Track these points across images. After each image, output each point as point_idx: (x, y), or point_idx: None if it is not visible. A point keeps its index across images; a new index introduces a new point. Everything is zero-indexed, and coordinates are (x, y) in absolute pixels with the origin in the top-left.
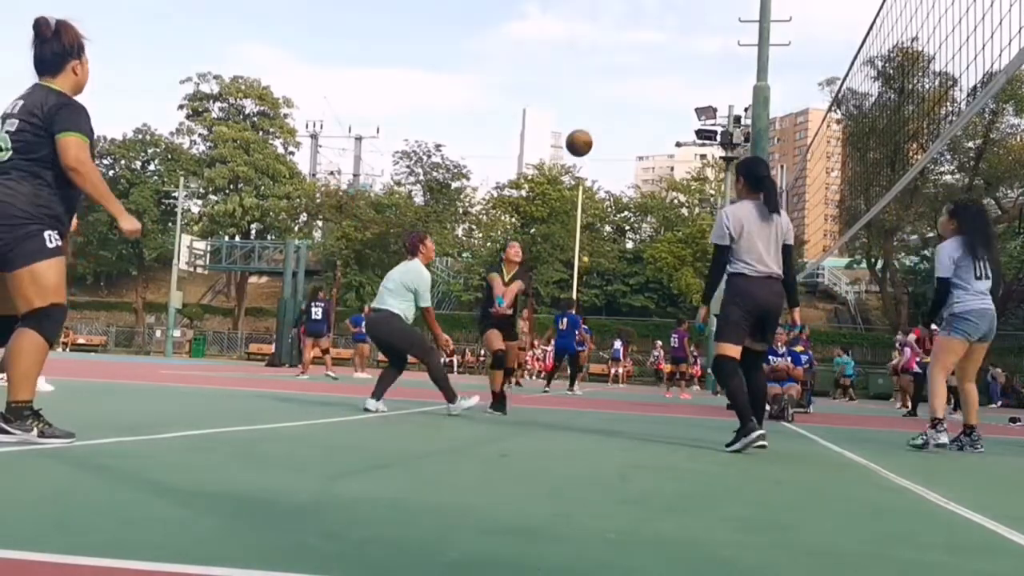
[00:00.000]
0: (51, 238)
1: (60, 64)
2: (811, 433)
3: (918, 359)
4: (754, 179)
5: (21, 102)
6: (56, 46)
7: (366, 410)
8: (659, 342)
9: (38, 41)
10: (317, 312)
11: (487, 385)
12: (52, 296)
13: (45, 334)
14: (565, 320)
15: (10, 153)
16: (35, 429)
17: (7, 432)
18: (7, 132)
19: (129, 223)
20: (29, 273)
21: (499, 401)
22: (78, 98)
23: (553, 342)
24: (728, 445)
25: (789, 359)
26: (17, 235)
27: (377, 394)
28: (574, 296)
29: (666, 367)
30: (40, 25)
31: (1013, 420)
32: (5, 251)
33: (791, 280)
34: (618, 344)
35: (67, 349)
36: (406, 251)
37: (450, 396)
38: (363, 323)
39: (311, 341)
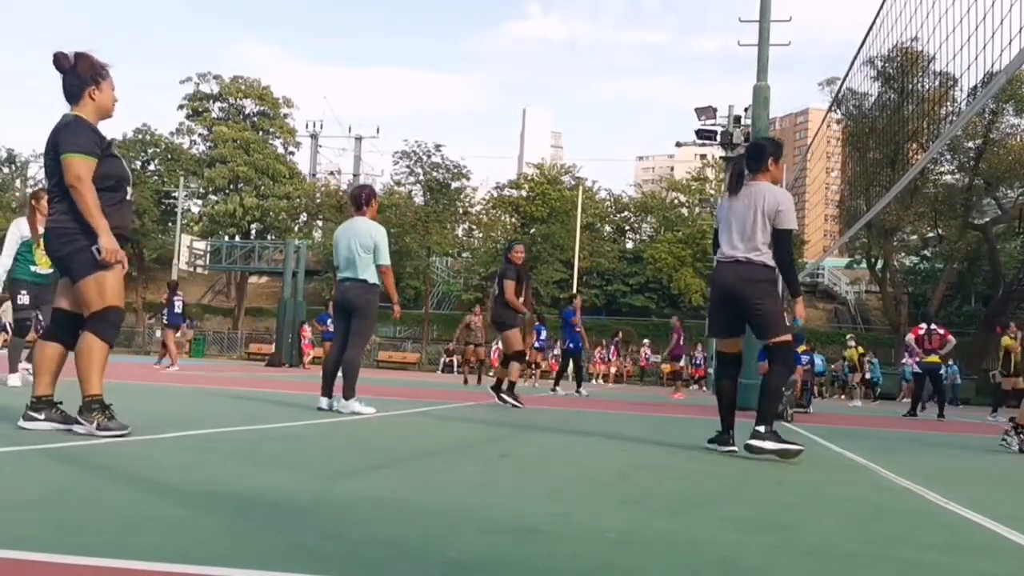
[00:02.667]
0: (98, 251)
1: (78, 93)
2: (811, 433)
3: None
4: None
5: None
6: (73, 77)
7: (319, 409)
8: (647, 341)
9: (60, 73)
10: (178, 305)
11: (475, 388)
12: (108, 300)
13: (103, 336)
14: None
15: (55, 179)
16: (95, 422)
17: (80, 423)
18: (51, 164)
19: (109, 243)
20: (94, 283)
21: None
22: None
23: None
24: (709, 441)
25: None
26: (70, 251)
27: (328, 391)
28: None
29: (666, 367)
30: (58, 59)
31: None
32: (66, 265)
33: (784, 266)
34: (613, 343)
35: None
36: (352, 204)
37: (350, 391)
38: (328, 321)
39: (172, 332)
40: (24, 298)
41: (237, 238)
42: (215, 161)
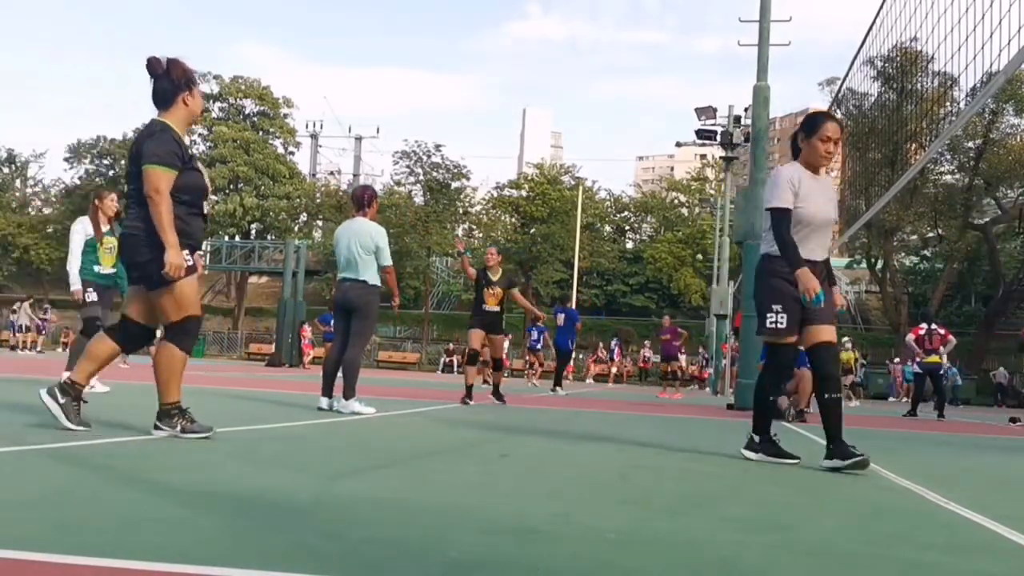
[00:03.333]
0: (188, 259)
1: (171, 98)
2: (811, 433)
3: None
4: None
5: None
6: (166, 82)
7: (320, 409)
8: (647, 341)
9: (151, 78)
10: None
11: (480, 388)
12: (186, 310)
13: (182, 346)
14: (562, 315)
15: (134, 186)
16: (179, 426)
17: (160, 429)
18: (133, 171)
19: (175, 258)
20: (171, 294)
21: (469, 395)
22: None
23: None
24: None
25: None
26: (148, 259)
27: (328, 391)
28: (574, 296)
29: (664, 366)
30: (152, 64)
31: (1013, 420)
32: (142, 272)
33: (779, 248)
34: (614, 344)
35: (67, 349)
36: (353, 205)
37: (350, 391)
38: (331, 321)
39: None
40: (92, 295)
41: (237, 238)
42: (215, 161)
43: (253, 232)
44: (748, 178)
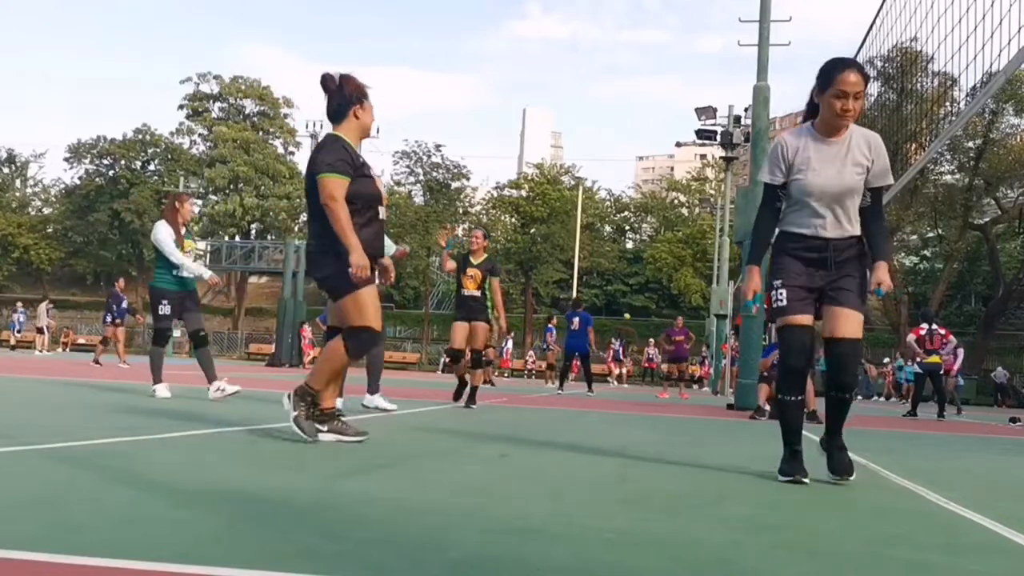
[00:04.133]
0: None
1: (344, 112)
2: (811, 433)
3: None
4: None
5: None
6: (339, 97)
7: (364, 407)
8: (652, 340)
9: (324, 94)
10: (124, 302)
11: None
12: (365, 319)
13: (349, 350)
14: (577, 319)
15: (313, 198)
16: (297, 411)
17: (289, 401)
18: (308, 186)
19: (359, 259)
20: (353, 300)
21: (461, 390)
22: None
23: (553, 341)
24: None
25: None
26: (330, 272)
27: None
28: (574, 295)
29: (665, 367)
30: (325, 80)
31: (1013, 420)
32: (327, 285)
33: None
34: (618, 344)
35: (67, 349)
36: None
37: (375, 387)
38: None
39: (119, 328)
40: (166, 308)
41: (237, 238)
42: (215, 161)
43: (253, 232)
44: (748, 178)
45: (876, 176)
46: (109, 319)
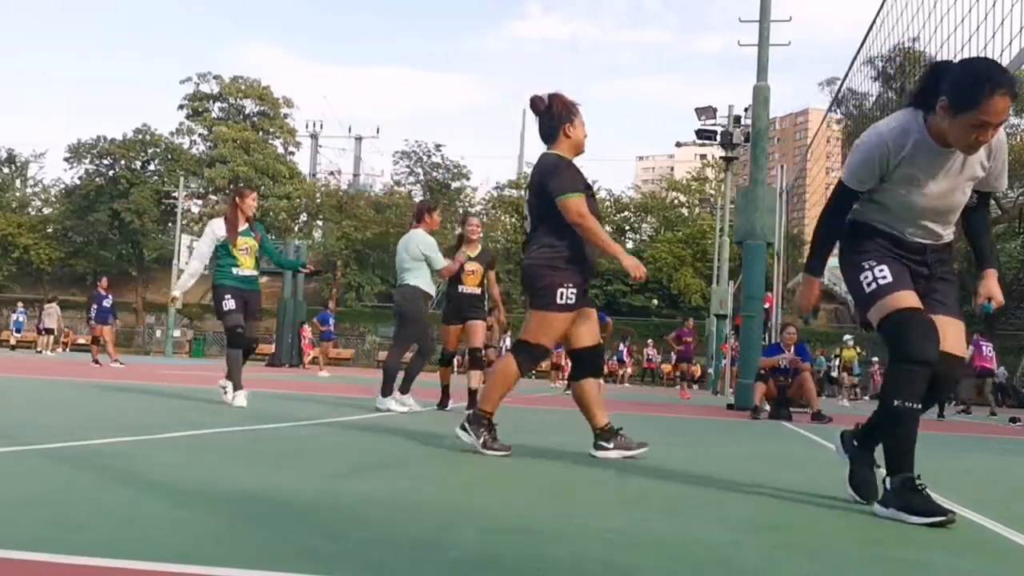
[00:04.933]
0: (563, 295)
1: (555, 133)
2: (811, 433)
3: None
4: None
5: (531, 175)
6: (548, 118)
7: (378, 410)
8: (651, 341)
9: (536, 115)
10: (107, 301)
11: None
12: (543, 338)
13: (521, 364)
14: None
15: (537, 214)
16: (481, 439)
17: (466, 432)
18: (528, 202)
19: (630, 260)
20: (541, 316)
21: (445, 399)
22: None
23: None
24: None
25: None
26: (542, 284)
27: (405, 388)
28: None
29: (684, 366)
30: (534, 103)
31: (1013, 420)
32: (533, 297)
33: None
34: (622, 345)
35: (67, 349)
36: (414, 219)
37: (405, 387)
38: (330, 321)
39: (106, 327)
40: (229, 302)
41: None
42: (215, 161)
43: None
44: (748, 178)
45: (990, 179)
46: (93, 317)
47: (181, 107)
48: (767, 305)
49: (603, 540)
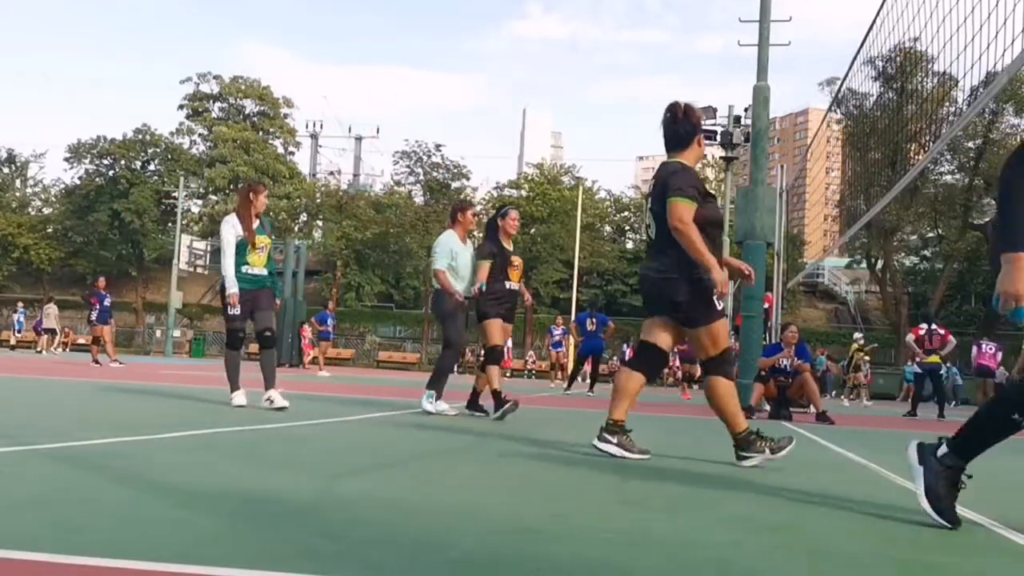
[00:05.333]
0: (718, 302)
1: (689, 140)
2: (811, 433)
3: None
4: None
5: (653, 184)
6: (687, 126)
7: (427, 412)
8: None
9: (670, 121)
10: (106, 301)
11: (469, 385)
12: (723, 344)
13: (728, 375)
14: (594, 320)
15: (660, 222)
16: (762, 452)
17: (748, 457)
18: (651, 210)
19: (718, 276)
20: (707, 332)
21: (501, 402)
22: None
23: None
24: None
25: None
26: (686, 299)
27: (439, 392)
28: (573, 296)
29: (686, 367)
30: (675, 109)
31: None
32: (681, 312)
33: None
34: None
35: (67, 349)
36: (448, 219)
37: (439, 391)
38: (328, 321)
39: (105, 328)
40: (235, 309)
41: None
42: (215, 161)
43: None
44: (748, 178)
45: None
46: (94, 318)
47: (181, 107)
48: (767, 305)
49: (603, 540)
